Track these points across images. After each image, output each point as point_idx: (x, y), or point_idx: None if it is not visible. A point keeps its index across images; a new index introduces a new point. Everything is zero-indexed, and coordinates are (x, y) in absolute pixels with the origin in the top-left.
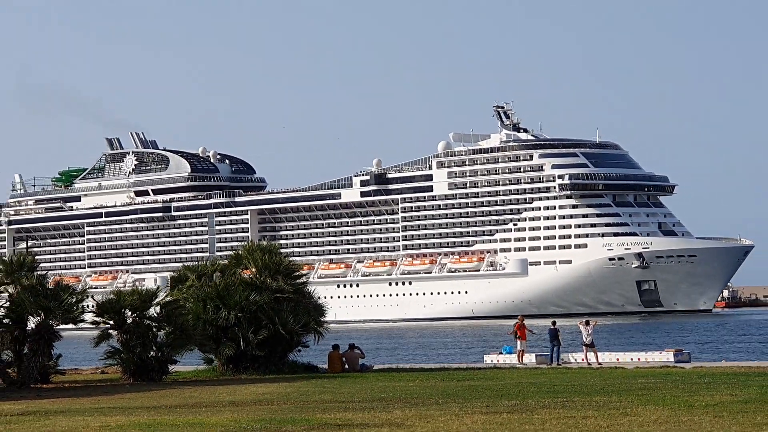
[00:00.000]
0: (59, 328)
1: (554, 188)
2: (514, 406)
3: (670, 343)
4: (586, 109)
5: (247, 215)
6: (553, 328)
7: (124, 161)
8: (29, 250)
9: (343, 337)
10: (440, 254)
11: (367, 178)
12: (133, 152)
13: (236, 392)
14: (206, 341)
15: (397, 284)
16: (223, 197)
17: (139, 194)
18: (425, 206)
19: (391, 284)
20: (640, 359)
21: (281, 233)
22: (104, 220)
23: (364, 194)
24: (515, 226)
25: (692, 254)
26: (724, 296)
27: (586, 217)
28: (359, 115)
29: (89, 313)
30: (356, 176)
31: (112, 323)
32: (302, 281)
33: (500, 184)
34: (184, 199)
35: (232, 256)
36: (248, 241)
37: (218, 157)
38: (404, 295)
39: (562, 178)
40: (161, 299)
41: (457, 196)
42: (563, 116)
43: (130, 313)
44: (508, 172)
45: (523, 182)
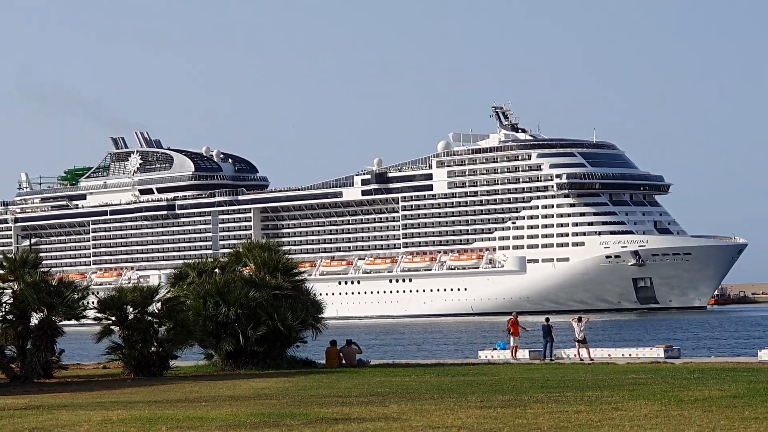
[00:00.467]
0: (62, 324)
1: (552, 187)
2: (507, 400)
3: (675, 339)
4: (583, 109)
5: (249, 213)
6: (546, 324)
7: (128, 160)
8: (32, 247)
9: (345, 333)
10: (440, 252)
11: (368, 177)
12: (137, 151)
13: (236, 387)
14: (206, 337)
15: (397, 281)
16: (226, 196)
17: (143, 192)
18: (425, 205)
19: (391, 281)
20: (631, 355)
21: (283, 231)
22: (109, 218)
23: (365, 193)
24: (514, 224)
25: (687, 252)
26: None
27: (583, 215)
28: (360, 115)
29: (91, 309)
30: (357, 175)
31: (113, 319)
32: (300, 278)
33: (499, 183)
34: (187, 197)
35: (231, 253)
36: (251, 239)
37: (221, 156)
38: (404, 291)
39: (559, 177)
40: (162, 296)
41: (456, 194)
42: (560, 117)
43: (131, 309)
44: (506, 171)
45: (521, 181)
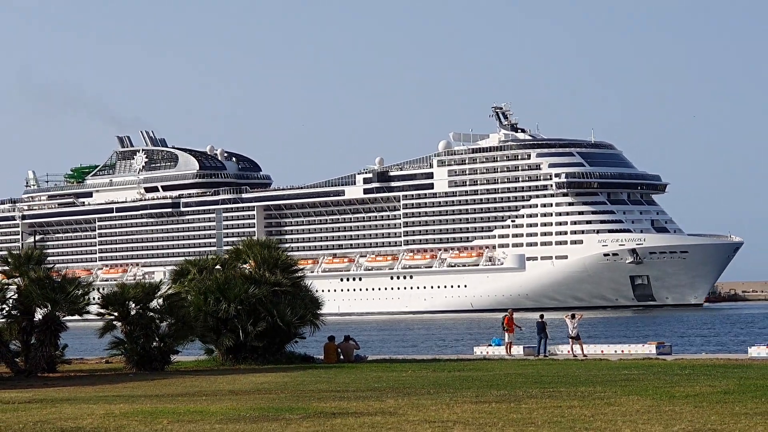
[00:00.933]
0: (65, 319)
1: (551, 186)
2: (502, 395)
3: (668, 336)
4: (581, 109)
5: (253, 211)
6: (540, 321)
7: (134, 158)
8: (36, 243)
9: (347, 329)
10: (440, 249)
11: (369, 175)
12: (143, 150)
13: (236, 381)
14: (207, 332)
15: (398, 278)
16: (230, 194)
17: (149, 190)
18: (426, 203)
19: (392, 278)
20: (623, 351)
21: (286, 228)
22: (115, 215)
23: (366, 191)
24: (513, 222)
25: (684, 250)
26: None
27: (581, 214)
28: (362, 114)
29: (94, 304)
30: (359, 174)
31: (116, 315)
32: (299, 275)
33: (499, 182)
34: (192, 195)
35: (232, 250)
36: (255, 236)
37: (225, 155)
38: (405, 288)
39: (558, 176)
40: (164, 292)
41: (456, 193)
42: (559, 117)
43: (133, 305)
44: (506, 170)
45: (521, 180)
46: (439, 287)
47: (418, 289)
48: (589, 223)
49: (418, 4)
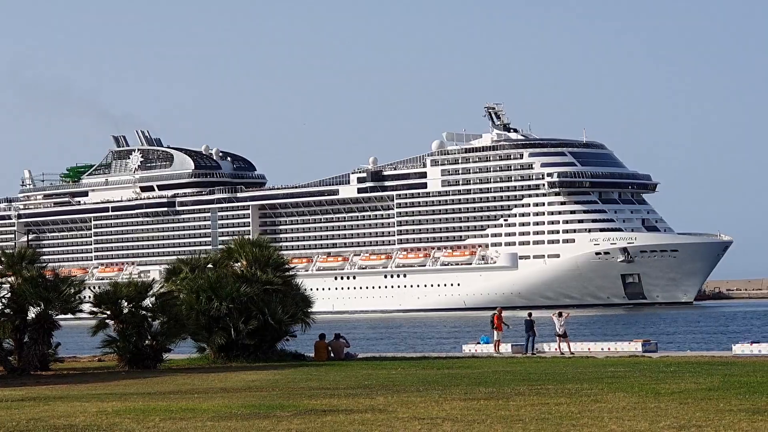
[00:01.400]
0: (58, 317)
1: (543, 186)
2: (490, 393)
3: (664, 333)
4: (573, 109)
5: (248, 210)
6: (528, 319)
7: (130, 158)
8: (30, 242)
9: (339, 327)
10: (434, 248)
11: (363, 175)
12: (138, 149)
13: (227, 379)
14: (199, 330)
15: (392, 277)
16: (225, 193)
17: (144, 189)
18: (419, 202)
19: (386, 277)
20: (610, 349)
21: (281, 227)
22: (111, 214)
23: (360, 191)
24: (506, 221)
25: (674, 249)
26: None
27: (573, 213)
28: (356, 114)
29: (87, 303)
30: (353, 173)
31: (108, 313)
32: (291, 274)
33: (491, 181)
34: (187, 194)
35: (224, 249)
36: (250, 235)
37: (220, 154)
38: (399, 287)
39: (550, 176)
40: (156, 290)
41: (450, 192)
42: (551, 117)
43: (126, 303)
44: (499, 170)
45: (513, 180)
46: (432, 286)
47: (411, 287)
48: (580, 222)
49: (410, 4)
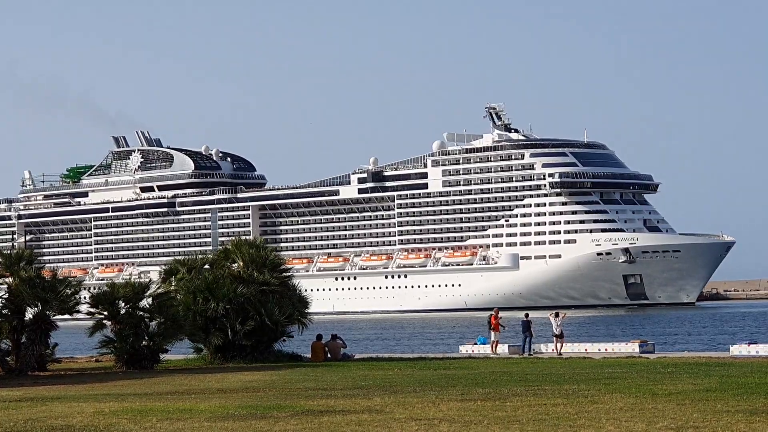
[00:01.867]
0: (56, 318)
1: (544, 186)
2: (487, 393)
3: (664, 334)
4: (574, 110)
5: (248, 211)
6: (525, 320)
7: (130, 158)
8: (30, 243)
9: (339, 328)
10: (435, 249)
11: (364, 175)
12: (138, 150)
13: (224, 380)
14: (196, 331)
15: (393, 277)
16: (225, 194)
17: (144, 190)
18: (420, 203)
19: (387, 277)
20: (607, 350)
21: (281, 228)
22: (111, 215)
23: (361, 191)
24: (507, 222)
25: (676, 250)
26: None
27: (575, 213)
28: (356, 115)
29: (84, 304)
30: (354, 174)
31: (106, 314)
32: (287, 274)
33: (492, 182)
34: (187, 195)
35: (220, 250)
36: (250, 235)
37: (220, 155)
38: (400, 287)
39: (552, 176)
40: (153, 291)
41: (451, 193)
42: (552, 117)
43: (123, 304)
44: (500, 170)
45: (514, 180)
46: (433, 286)
47: (412, 288)
48: (582, 222)
49: (411, 4)
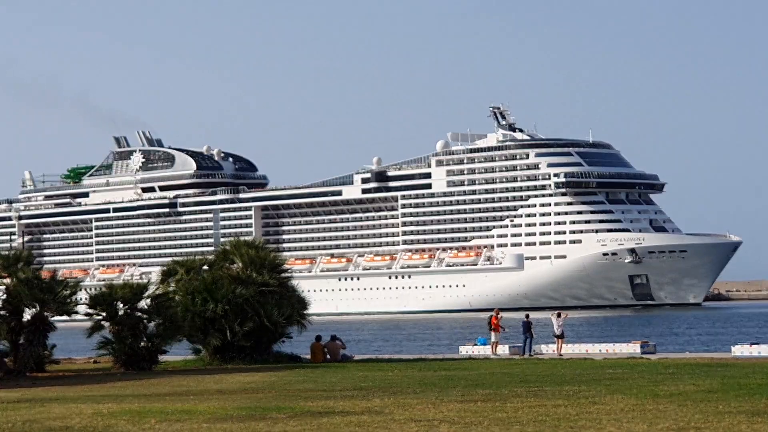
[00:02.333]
0: (54, 319)
1: (550, 186)
2: (488, 395)
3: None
4: (578, 109)
5: (250, 211)
6: (526, 320)
7: (131, 159)
8: (29, 244)
9: (342, 329)
10: (438, 249)
11: (367, 175)
12: (139, 150)
13: (223, 381)
14: (194, 332)
15: (396, 278)
16: (227, 194)
17: (145, 190)
18: (424, 203)
19: (390, 278)
20: (608, 350)
21: (284, 228)
22: (112, 215)
23: (364, 191)
24: (512, 222)
25: (683, 250)
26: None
27: (580, 213)
28: (360, 114)
29: (83, 305)
30: (357, 174)
31: (104, 315)
32: (287, 275)
33: (497, 181)
34: (189, 195)
35: (219, 251)
36: (252, 236)
37: (222, 155)
38: (403, 288)
39: (557, 176)
40: (152, 292)
41: (455, 193)
42: (556, 117)
43: (121, 305)
44: (504, 170)
45: (519, 180)
46: (437, 287)
47: (416, 288)
48: (587, 222)
49: (415, 4)
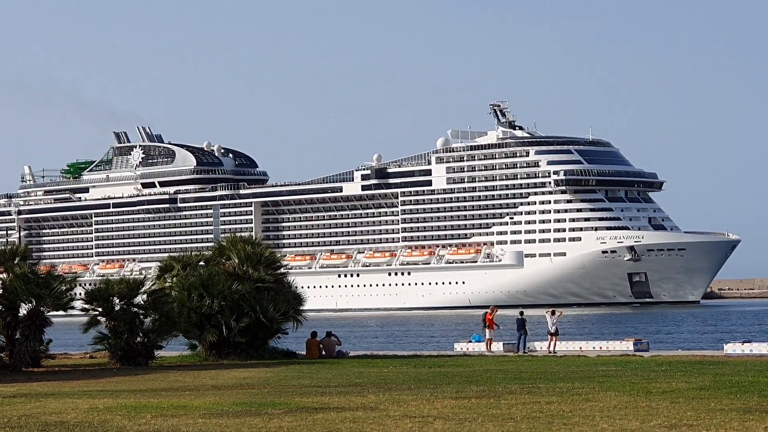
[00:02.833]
0: (50, 314)
1: (549, 183)
2: (482, 391)
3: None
4: (578, 107)
5: (251, 207)
6: (520, 318)
7: (131, 154)
8: (27, 238)
9: (340, 325)
10: (438, 246)
11: (367, 172)
12: (140, 146)
13: (219, 377)
14: (190, 328)
15: (396, 274)
16: (227, 190)
17: (145, 186)
18: (424, 200)
19: (390, 274)
20: (601, 348)
21: (284, 225)
22: (112, 210)
23: (364, 188)
24: (511, 219)
25: (682, 248)
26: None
27: (580, 211)
28: (360, 111)
29: (79, 300)
30: (357, 170)
31: (100, 310)
32: (282, 271)
33: (497, 179)
34: (189, 191)
35: (215, 247)
36: (252, 232)
37: (222, 151)
38: (403, 285)
39: (557, 173)
40: (148, 287)
41: (455, 190)
42: (556, 114)
43: (118, 300)
44: (504, 167)
45: (519, 177)
46: (437, 284)
47: (416, 285)
48: (587, 220)
49: (415, 1)
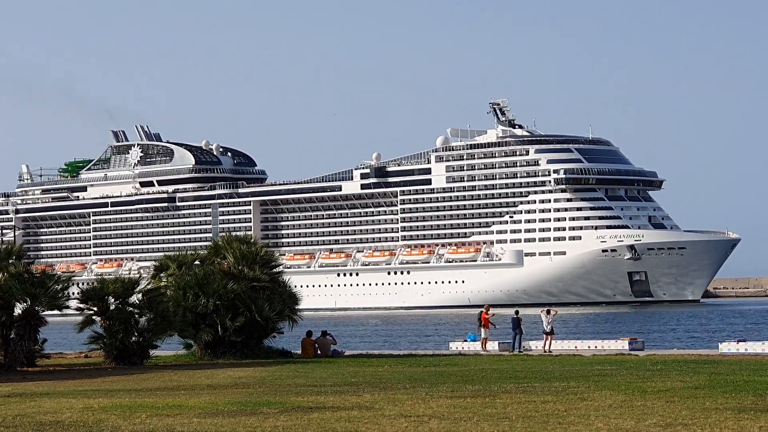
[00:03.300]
0: (45, 313)
1: (549, 182)
2: (477, 390)
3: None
4: (578, 106)
5: (249, 206)
6: (516, 317)
7: (129, 153)
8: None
9: (340, 324)
10: (438, 245)
11: (367, 171)
12: (138, 144)
13: (214, 376)
14: (186, 327)
15: (395, 273)
16: (226, 189)
17: (144, 185)
18: (424, 199)
19: (389, 273)
20: (596, 347)
21: (283, 224)
22: (110, 209)
23: (364, 186)
24: (511, 218)
25: (682, 247)
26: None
27: (580, 210)
28: (359, 110)
29: (74, 299)
30: (356, 169)
31: (95, 310)
32: (278, 270)
33: (497, 177)
34: (188, 190)
35: (210, 246)
36: (251, 231)
37: (221, 149)
38: (402, 284)
39: (557, 172)
40: (143, 287)
41: (454, 189)
42: (556, 113)
43: (113, 300)
44: (504, 166)
45: (519, 176)
46: (436, 282)
47: (415, 284)
48: (587, 219)
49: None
